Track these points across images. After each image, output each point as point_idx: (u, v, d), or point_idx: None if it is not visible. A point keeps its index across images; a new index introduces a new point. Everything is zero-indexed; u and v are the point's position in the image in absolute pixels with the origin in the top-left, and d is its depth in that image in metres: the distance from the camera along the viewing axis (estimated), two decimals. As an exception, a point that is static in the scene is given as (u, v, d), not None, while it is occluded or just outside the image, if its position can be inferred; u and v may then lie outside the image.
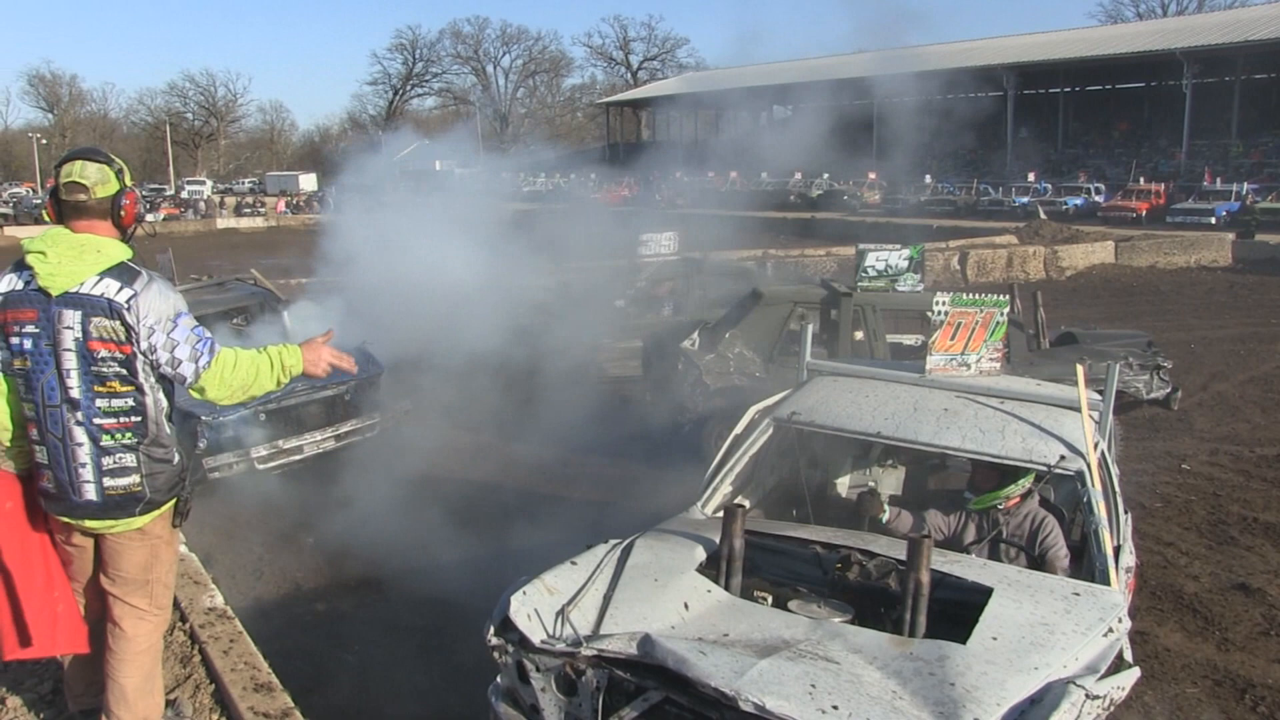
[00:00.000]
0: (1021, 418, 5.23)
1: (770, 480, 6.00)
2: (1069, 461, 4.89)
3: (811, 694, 3.47)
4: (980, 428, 5.14)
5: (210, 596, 5.44)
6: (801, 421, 5.51)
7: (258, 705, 4.35)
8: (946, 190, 50.26)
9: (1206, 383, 13.65)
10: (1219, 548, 7.74)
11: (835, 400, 5.64)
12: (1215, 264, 27.83)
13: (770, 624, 4.09)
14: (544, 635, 4.01)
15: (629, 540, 4.77)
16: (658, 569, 4.48)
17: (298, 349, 3.91)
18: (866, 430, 5.33)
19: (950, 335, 5.60)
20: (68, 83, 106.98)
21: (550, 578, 4.35)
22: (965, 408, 5.36)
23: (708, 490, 5.52)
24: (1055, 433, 5.09)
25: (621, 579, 4.39)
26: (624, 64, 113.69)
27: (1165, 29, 59.24)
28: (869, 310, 9.89)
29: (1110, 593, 4.41)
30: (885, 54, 50.77)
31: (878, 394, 5.62)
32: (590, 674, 3.86)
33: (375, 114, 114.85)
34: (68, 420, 3.60)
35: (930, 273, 24.19)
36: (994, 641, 3.87)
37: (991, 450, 5.02)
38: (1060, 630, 3.99)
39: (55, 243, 3.60)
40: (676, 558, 4.62)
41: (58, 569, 3.92)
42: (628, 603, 4.20)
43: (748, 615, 4.20)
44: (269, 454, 9.19)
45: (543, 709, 4.00)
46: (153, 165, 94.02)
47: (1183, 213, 37.82)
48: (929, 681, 3.58)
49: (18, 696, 4.53)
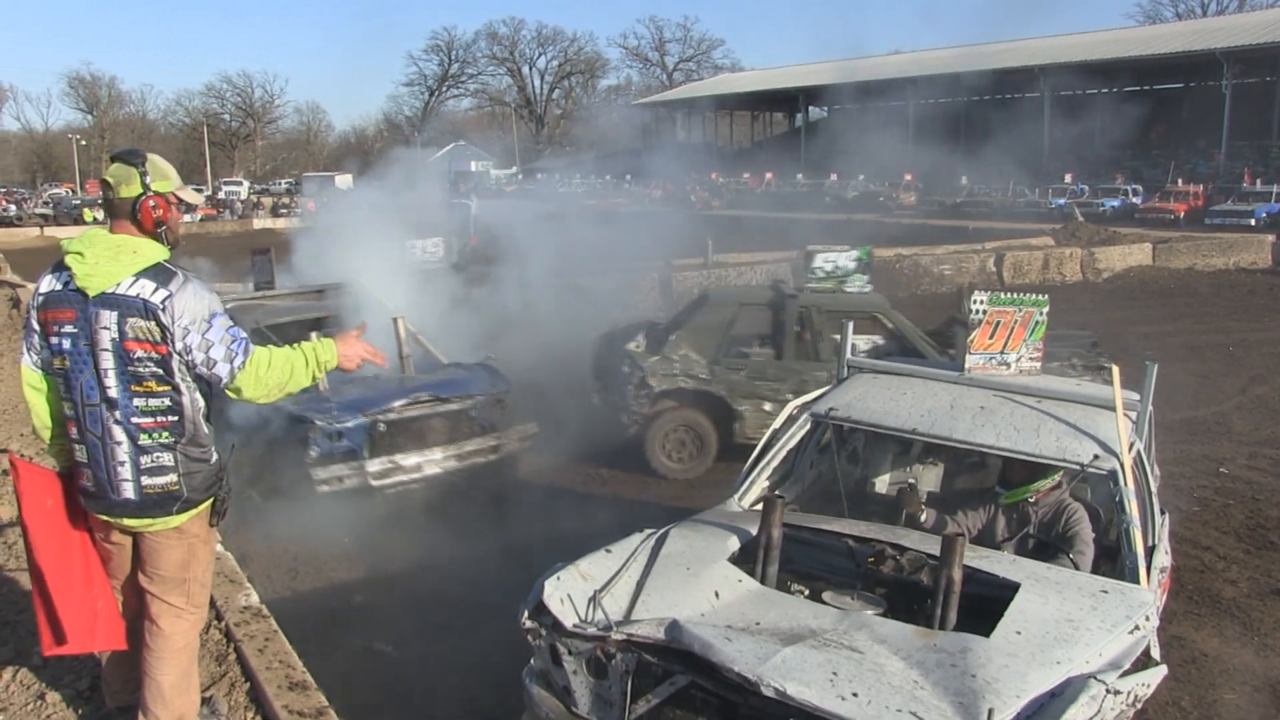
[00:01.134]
0: (1057, 417, 5.22)
1: (808, 475, 6.04)
2: (1102, 460, 4.88)
3: (832, 681, 3.52)
4: (1015, 426, 5.16)
5: (246, 595, 5.47)
6: (839, 417, 5.54)
7: (292, 704, 4.38)
8: (983, 191, 49.93)
9: (1245, 386, 13.49)
10: (1257, 552, 7.66)
11: (873, 397, 5.66)
12: (1255, 266, 27.45)
13: (799, 614, 4.14)
14: (576, 620, 4.10)
15: (664, 530, 4.83)
16: (690, 558, 4.56)
17: (332, 343, 3.94)
18: (902, 426, 5.35)
19: (989, 334, 5.60)
20: (107, 84, 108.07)
21: (585, 564, 4.42)
22: (1001, 406, 5.37)
23: (745, 483, 5.57)
24: (1090, 432, 5.08)
25: (654, 567, 4.48)
26: (659, 65, 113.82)
27: (1205, 29, 58.62)
28: (814, 311, 9.88)
29: (1139, 591, 4.40)
30: (921, 55, 50.56)
31: (916, 391, 5.64)
32: (620, 657, 3.94)
33: (411, 115, 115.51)
34: (106, 419, 3.64)
35: (966, 274, 24.08)
36: (1017, 635, 3.89)
37: (1026, 448, 5.03)
38: (1085, 626, 4.00)
39: (93, 244, 3.65)
40: (710, 547, 4.69)
41: (97, 566, 3.96)
42: (659, 590, 4.29)
43: (777, 605, 4.25)
44: (385, 469, 8.16)
45: (574, 690, 4.08)
46: (190, 166, 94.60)
47: (1221, 214, 37.35)
48: (950, 673, 3.61)
49: (56, 692, 4.58)
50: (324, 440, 8.01)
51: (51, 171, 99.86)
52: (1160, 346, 15.20)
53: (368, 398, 8.41)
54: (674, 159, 62.07)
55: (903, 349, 9.58)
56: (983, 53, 62.78)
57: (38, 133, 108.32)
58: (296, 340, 3.97)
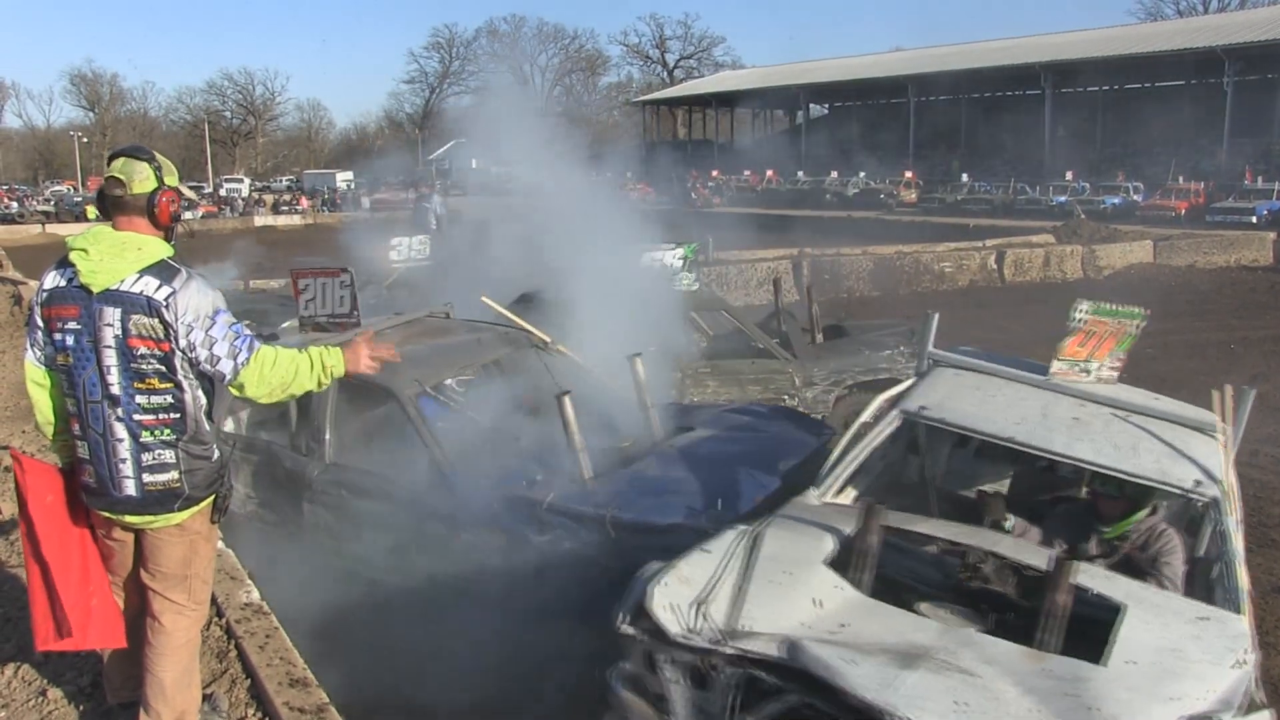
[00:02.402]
0: (1153, 434, 5.07)
1: (878, 466, 5.79)
2: (1205, 487, 4.73)
3: (956, 711, 3.43)
4: (1114, 443, 4.97)
5: (247, 592, 5.48)
6: (931, 417, 5.34)
7: (293, 700, 4.38)
8: (984, 189, 49.96)
9: (1247, 383, 13.44)
10: (1260, 550, 7.64)
11: (963, 397, 5.47)
12: (1256, 263, 27.51)
13: (901, 626, 4.00)
14: (681, 629, 3.93)
15: (756, 529, 4.69)
16: (788, 561, 4.41)
17: (338, 349, 3.96)
18: (999, 434, 5.13)
19: (1081, 342, 5.48)
20: (108, 81, 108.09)
21: (685, 567, 4.28)
22: (1094, 419, 5.21)
23: (829, 477, 5.35)
24: (1187, 454, 4.92)
25: (754, 571, 4.31)
26: (660, 62, 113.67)
27: (1206, 26, 58.56)
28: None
29: (1236, 621, 4.27)
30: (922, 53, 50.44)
31: (1004, 394, 5.48)
32: (727, 671, 3.83)
33: (412, 112, 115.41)
34: (108, 416, 3.65)
35: (967, 271, 24.09)
36: (1132, 666, 3.76)
37: (1125, 468, 4.83)
38: (1191, 658, 3.88)
39: (97, 240, 3.66)
40: (806, 550, 4.54)
41: (95, 563, 3.97)
42: (760, 596, 4.14)
43: (878, 616, 4.11)
44: None
45: (671, 699, 3.95)
46: (191, 163, 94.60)
47: (1222, 212, 37.36)
48: (1069, 704, 3.50)
49: (58, 689, 4.59)
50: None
51: (53, 169, 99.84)
52: (1161, 344, 15.16)
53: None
54: (677, 155, 62.04)
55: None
56: (984, 50, 62.77)
57: (40, 130, 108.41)
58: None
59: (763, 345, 9.59)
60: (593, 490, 5.75)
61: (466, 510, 5.81)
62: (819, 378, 9.53)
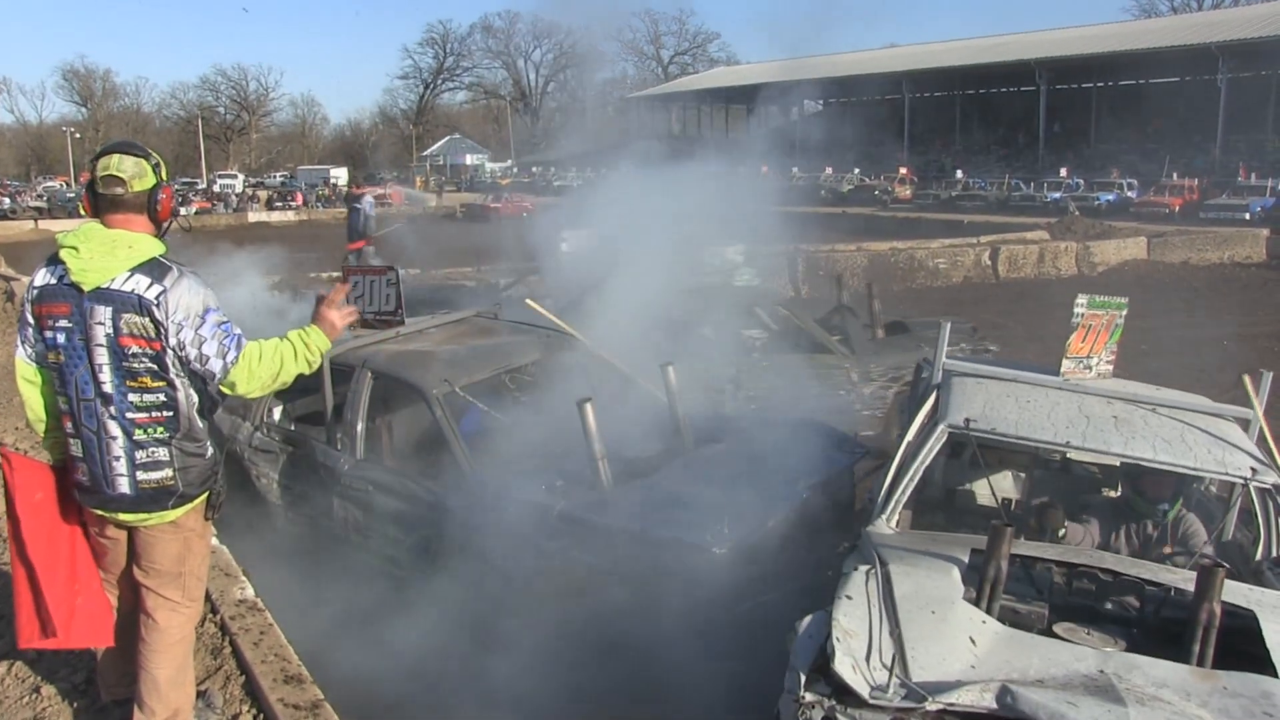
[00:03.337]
0: (1193, 425, 5.06)
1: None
2: (1263, 474, 4.72)
3: None
4: (1163, 437, 4.94)
5: (241, 589, 5.47)
6: (981, 430, 5.14)
7: (287, 697, 4.38)
8: (978, 185, 49.99)
9: (1240, 380, 13.46)
10: (1252, 547, 7.66)
11: (1002, 406, 5.33)
12: (1249, 260, 27.58)
13: (1060, 657, 3.90)
14: (870, 687, 3.70)
15: (878, 567, 4.48)
16: (927, 599, 4.21)
17: (314, 327, 3.96)
18: (1054, 440, 5.07)
19: (1083, 338, 5.48)
20: (101, 77, 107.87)
21: (843, 618, 4.04)
22: (1132, 415, 5.16)
23: (890, 504, 5.13)
24: (1234, 442, 4.91)
25: (900, 614, 4.10)
26: (655, 59, 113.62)
27: (1200, 23, 58.59)
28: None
29: None
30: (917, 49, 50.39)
31: (1038, 400, 5.37)
32: None
33: (406, 108, 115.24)
34: (101, 414, 3.63)
35: (961, 268, 24.11)
36: None
37: (1186, 462, 4.81)
38: None
39: (88, 238, 3.63)
40: (938, 584, 4.34)
41: (85, 561, 3.95)
42: (919, 641, 3.93)
43: (1030, 648, 3.98)
44: None
45: None
46: (185, 159, 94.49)
47: (1216, 208, 37.41)
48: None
49: (52, 686, 4.58)
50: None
51: (46, 164, 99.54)
52: (1155, 340, 15.18)
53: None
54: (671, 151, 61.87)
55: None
56: (978, 46, 62.78)
57: (32, 125, 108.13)
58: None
59: (821, 340, 9.59)
60: (608, 500, 5.72)
61: (482, 512, 5.82)
62: (876, 374, 9.58)
